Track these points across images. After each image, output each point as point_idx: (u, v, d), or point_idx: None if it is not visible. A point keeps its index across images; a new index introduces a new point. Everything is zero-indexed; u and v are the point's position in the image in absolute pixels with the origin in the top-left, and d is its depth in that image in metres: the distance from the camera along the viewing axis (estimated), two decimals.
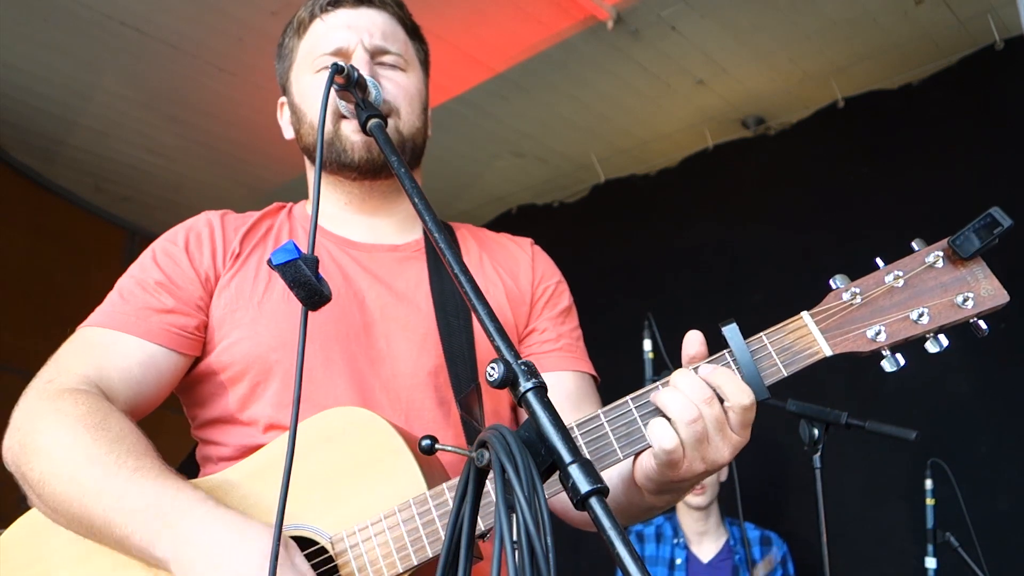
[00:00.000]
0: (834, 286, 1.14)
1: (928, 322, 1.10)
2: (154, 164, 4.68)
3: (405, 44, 1.51)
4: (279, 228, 1.50)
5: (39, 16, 3.47)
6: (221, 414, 1.37)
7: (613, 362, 3.94)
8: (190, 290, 1.37)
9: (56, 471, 1.17)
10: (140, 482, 1.13)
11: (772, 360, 1.11)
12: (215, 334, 1.37)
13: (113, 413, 1.22)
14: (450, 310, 1.44)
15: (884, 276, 1.13)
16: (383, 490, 1.19)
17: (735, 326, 1.11)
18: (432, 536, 1.15)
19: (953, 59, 3.86)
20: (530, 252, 1.61)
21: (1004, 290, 1.10)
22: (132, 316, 1.33)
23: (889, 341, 1.10)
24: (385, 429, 1.22)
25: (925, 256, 1.12)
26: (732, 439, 1.08)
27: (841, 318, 1.12)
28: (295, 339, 1.32)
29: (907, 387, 3.47)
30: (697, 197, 4.54)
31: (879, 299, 1.12)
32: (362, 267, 1.45)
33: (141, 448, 1.19)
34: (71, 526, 1.19)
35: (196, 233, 1.44)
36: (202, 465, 1.42)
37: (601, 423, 1.13)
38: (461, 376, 1.39)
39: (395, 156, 1.15)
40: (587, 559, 4.07)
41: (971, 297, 1.10)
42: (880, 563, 3.50)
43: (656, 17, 3.62)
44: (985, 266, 1.11)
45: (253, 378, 1.34)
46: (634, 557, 0.71)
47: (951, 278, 1.11)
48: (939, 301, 1.10)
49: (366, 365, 1.36)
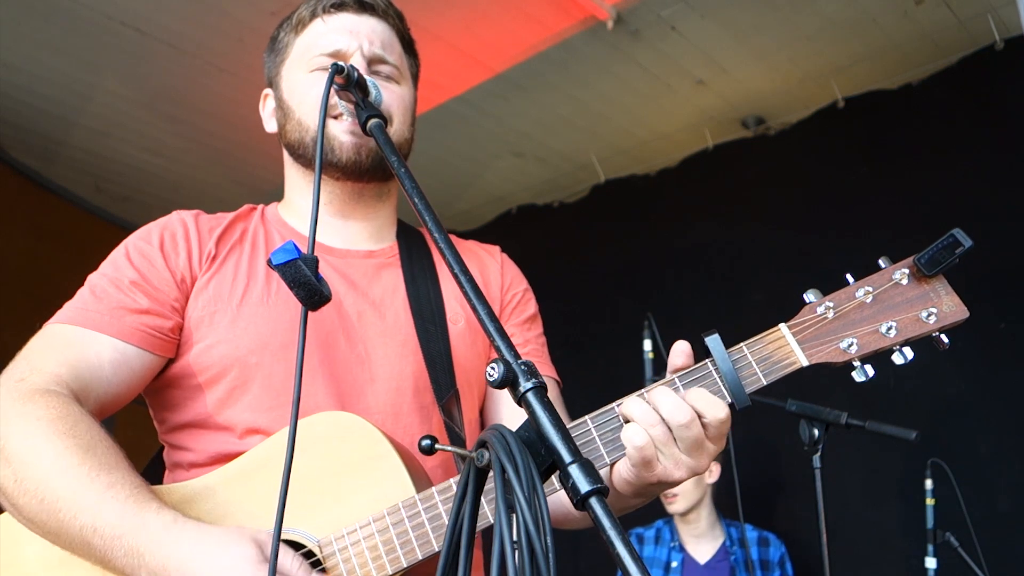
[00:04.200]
0: (808, 300, 1.21)
1: (896, 335, 1.17)
2: (154, 164, 4.68)
3: (401, 57, 1.52)
4: (254, 231, 1.49)
5: (39, 16, 3.47)
6: (194, 418, 1.35)
7: (613, 362, 3.94)
8: (165, 291, 1.36)
9: (30, 481, 1.15)
10: (112, 504, 1.12)
11: (752, 369, 1.17)
12: (192, 336, 1.36)
13: (83, 418, 1.21)
14: (427, 316, 1.44)
15: (855, 291, 1.20)
16: (371, 494, 1.19)
17: (717, 336, 1.17)
18: (421, 539, 1.16)
19: (953, 59, 3.86)
20: (499, 260, 1.62)
21: (964, 306, 1.18)
22: (106, 315, 1.32)
23: (860, 352, 1.17)
24: (372, 433, 1.23)
25: (892, 273, 1.20)
26: (709, 449, 1.13)
27: (816, 330, 1.19)
28: (274, 342, 1.33)
29: (907, 387, 3.47)
30: (697, 197, 4.54)
31: (851, 313, 1.19)
32: (339, 273, 1.45)
33: (112, 459, 1.18)
34: (48, 537, 1.17)
35: (171, 233, 1.42)
36: (171, 470, 1.40)
37: (588, 428, 1.15)
38: (441, 381, 1.39)
39: (395, 156, 1.16)
40: (587, 560, 4.07)
41: (934, 312, 1.17)
42: (880, 563, 3.50)
43: (656, 17, 3.62)
44: (947, 283, 1.19)
45: (231, 382, 1.33)
46: (634, 557, 0.71)
47: (916, 294, 1.19)
48: (906, 316, 1.18)
49: (345, 371, 1.36)
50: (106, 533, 1.11)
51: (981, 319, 3.65)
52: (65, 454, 1.15)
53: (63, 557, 1.19)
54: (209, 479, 1.27)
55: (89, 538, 1.11)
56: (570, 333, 4.49)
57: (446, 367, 1.41)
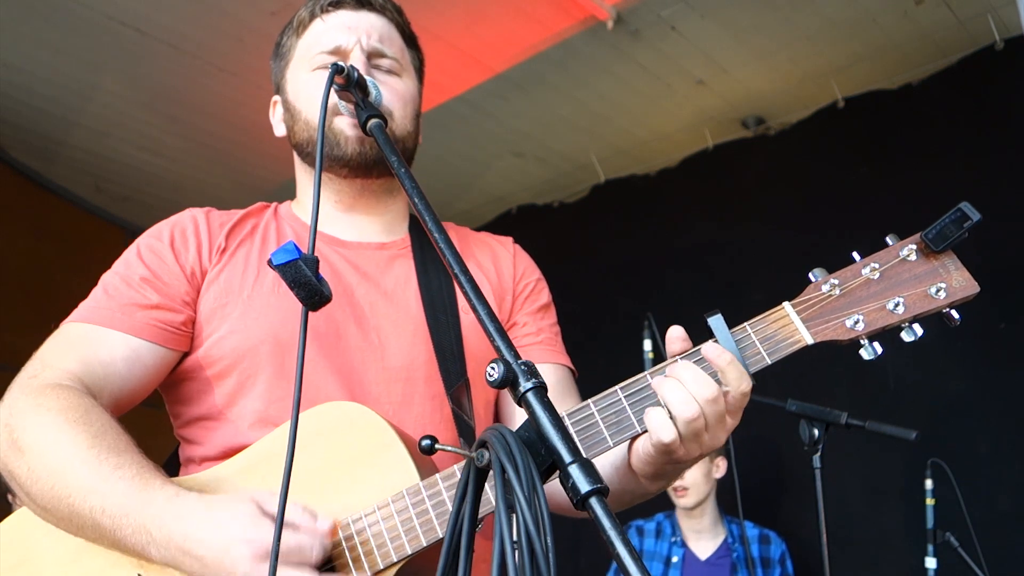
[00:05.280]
0: (813, 278, 1.19)
1: (904, 312, 1.15)
2: (154, 164, 4.68)
3: (402, 50, 1.53)
4: (266, 226, 1.50)
5: (39, 16, 3.47)
6: (207, 411, 1.37)
7: (613, 362, 3.95)
8: (176, 286, 1.37)
9: (42, 468, 1.18)
10: (119, 484, 1.14)
11: (756, 349, 1.16)
12: (203, 329, 1.37)
13: (94, 408, 1.23)
14: (438, 307, 1.45)
15: (861, 268, 1.18)
16: (377, 483, 1.20)
17: (720, 316, 1.16)
18: (426, 527, 1.16)
19: (953, 59, 3.86)
20: (512, 250, 1.63)
21: (974, 281, 1.15)
22: (117, 312, 1.33)
23: (867, 330, 1.15)
24: (377, 423, 1.23)
25: (900, 249, 1.18)
26: (727, 424, 1.12)
27: (821, 308, 1.17)
28: (284, 333, 1.34)
29: (907, 387, 3.48)
30: (697, 197, 4.54)
31: (857, 290, 1.17)
32: (351, 264, 1.46)
33: (122, 444, 1.20)
34: (61, 524, 1.19)
35: (181, 229, 1.44)
36: (184, 466, 1.42)
37: (591, 412, 1.16)
38: (451, 371, 1.40)
39: (395, 156, 1.16)
40: (586, 559, 4.07)
41: (943, 288, 1.14)
42: (880, 563, 3.50)
43: (656, 17, 3.62)
44: (956, 259, 1.16)
45: (242, 372, 1.34)
46: (634, 557, 0.71)
47: (924, 270, 1.16)
48: (914, 292, 1.15)
49: (357, 360, 1.36)
50: (115, 512, 1.13)
51: (981, 319, 3.66)
52: (76, 440, 1.17)
53: (76, 553, 1.21)
54: (217, 471, 1.28)
55: (99, 519, 1.13)
56: (570, 333, 4.47)
57: (457, 357, 1.41)
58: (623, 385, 1.16)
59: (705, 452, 1.13)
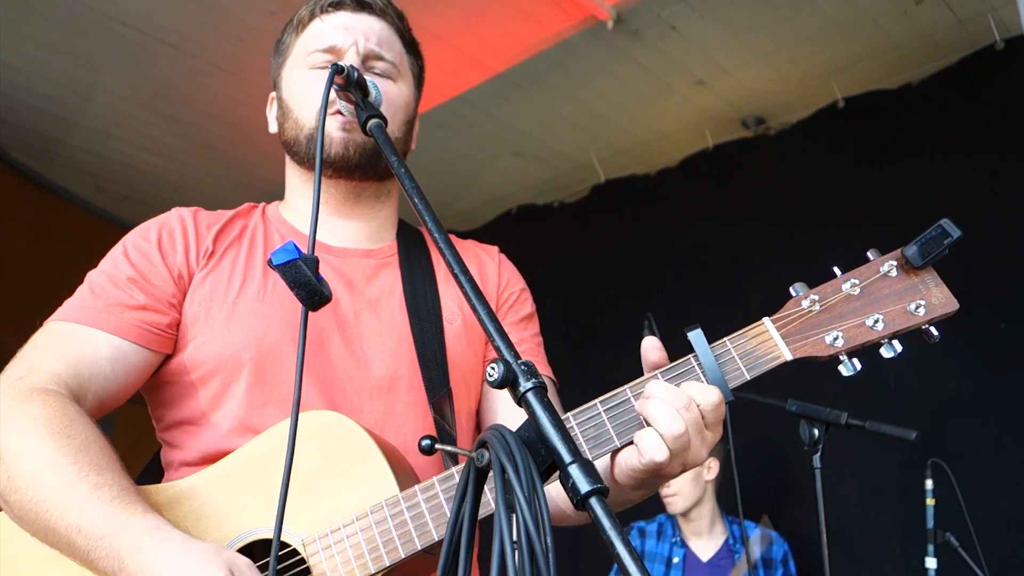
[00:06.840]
0: (794, 293, 1.19)
1: (883, 328, 1.15)
2: (154, 164, 4.68)
3: (400, 55, 1.52)
4: (253, 228, 1.49)
5: (39, 16, 3.47)
6: (189, 415, 1.36)
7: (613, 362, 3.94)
8: (163, 287, 1.37)
9: (20, 478, 1.16)
10: (98, 505, 1.12)
11: (736, 364, 1.16)
12: (188, 332, 1.36)
13: (79, 418, 1.21)
14: (423, 315, 1.45)
15: (841, 284, 1.18)
16: (355, 492, 1.20)
17: (700, 331, 1.16)
18: (404, 538, 1.16)
19: (953, 59, 3.86)
20: (497, 259, 1.63)
21: (954, 298, 1.15)
22: (103, 312, 1.32)
23: (846, 347, 1.15)
24: (356, 432, 1.23)
25: (880, 265, 1.18)
26: (708, 438, 1.13)
27: (801, 324, 1.17)
28: (268, 340, 1.34)
29: (907, 387, 3.47)
30: (697, 197, 4.54)
31: (837, 306, 1.17)
32: (337, 272, 1.45)
33: (104, 460, 1.18)
34: (37, 535, 1.17)
35: (168, 230, 1.43)
36: (166, 469, 1.41)
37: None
38: (434, 380, 1.39)
39: (395, 156, 1.16)
40: (586, 559, 4.07)
41: (923, 305, 1.14)
42: (880, 563, 3.50)
43: (656, 17, 3.62)
44: (936, 275, 1.16)
45: (225, 378, 1.33)
46: (634, 557, 0.71)
47: (904, 286, 1.16)
48: (893, 308, 1.15)
49: (340, 370, 1.36)
50: (90, 534, 1.11)
51: (981, 319, 3.66)
52: (57, 453, 1.16)
53: (54, 554, 1.19)
54: (195, 480, 1.27)
55: (74, 538, 1.12)
56: (570, 333, 4.49)
57: (440, 366, 1.41)
58: (603, 399, 1.16)
59: (688, 467, 1.13)
